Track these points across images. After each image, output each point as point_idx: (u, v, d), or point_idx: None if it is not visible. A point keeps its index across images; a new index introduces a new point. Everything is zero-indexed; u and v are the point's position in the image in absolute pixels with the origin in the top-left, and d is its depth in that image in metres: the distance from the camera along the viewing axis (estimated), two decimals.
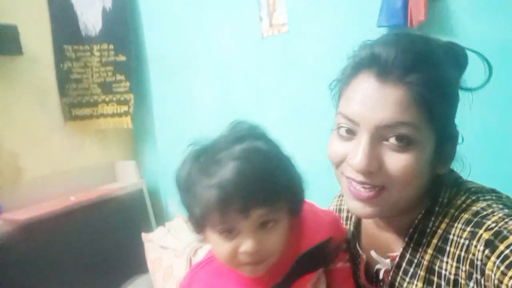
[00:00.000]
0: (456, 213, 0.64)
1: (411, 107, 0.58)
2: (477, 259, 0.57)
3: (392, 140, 0.60)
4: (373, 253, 0.74)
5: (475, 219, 0.60)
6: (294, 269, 0.69)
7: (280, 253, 0.67)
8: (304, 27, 1.63)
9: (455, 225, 0.63)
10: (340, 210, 0.89)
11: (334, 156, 0.67)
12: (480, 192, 0.66)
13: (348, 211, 0.86)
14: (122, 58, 2.30)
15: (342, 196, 0.89)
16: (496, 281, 0.53)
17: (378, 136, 0.61)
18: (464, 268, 0.59)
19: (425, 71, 0.59)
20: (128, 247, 1.97)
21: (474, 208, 0.62)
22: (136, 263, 1.88)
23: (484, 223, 0.58)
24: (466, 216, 0.62)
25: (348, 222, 0.85)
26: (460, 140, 0.68)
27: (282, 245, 0.66)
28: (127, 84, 2.33)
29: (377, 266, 0.74)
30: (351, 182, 0.65)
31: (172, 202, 2.36)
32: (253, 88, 1.83)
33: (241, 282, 0.68)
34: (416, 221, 0.67)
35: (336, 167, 0.69)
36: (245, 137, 0.64)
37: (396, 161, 0.60)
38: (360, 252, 0.79)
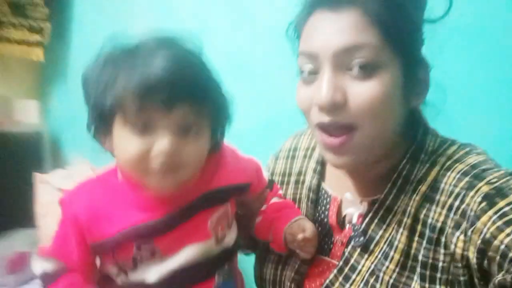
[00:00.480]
0: (449, 163, 0.62)
1: (367, 28, 0.57)
2: (471, 210, 0.55)
3: (355, 68, 0.58)
4: (348, 195, 0.70)
5: (474, 171, 0.59)
6: (198, 202, 0.64)
7: (195, 171, 0.62)
8: None
9: (448, 174, 0.61)
10: (296, 149, 0.85)
11: (302, 103, 0.64)
12: (470, 145, 0.65)
13: (306, 149, 0.83)
14: None
15: (301, 135, 0.87)
16: (488, 235, 0.52)
17: (340, 65, 0.59)
18: (454, 217, 0.57)
19: None
20: (14, 195, 1.75)
21: (470, 160, 0.61)
22: (20, 214, 1.71)
23: (485, 176, 0.57)
24: (461, 166, 0.60)
25: (306, 160, 0.81)
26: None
27: (199, 160, 0.61)
28: (45, 10, 2.04)
29: (348, 210, 0.70)
30: (322, 132, 0.62)
31: (75, 153, 2.11)
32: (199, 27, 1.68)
33: (137, 204, 0.62)
34: (401, 167, 0.64)
35: (306, 117, 0.66)
36: (173, 39, 0.60)
37: (362, 90, 0.58)
38: (330, 192, 0.75)
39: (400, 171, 0.64)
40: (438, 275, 0.58)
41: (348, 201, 0.70)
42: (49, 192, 1.54)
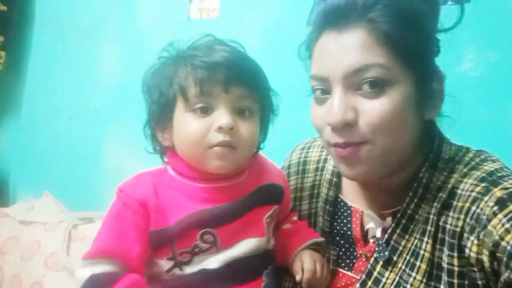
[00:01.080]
0: (466, 170, 0.63)
1: (375, 47, 0.58)
2: (484, 214, 0.56)
3: (365, 87, 0.58)
4: (369, 213, 0.69)
5: (491, 178, 0.59)
6: (253, 196, 0.68)
7: (248, 153, 0.67)
8: (236, 14, 1.61)
9: (465, 180, 0.62)
10: (306, 163, 0.83)
11: (316, 122, 0.65)
12: (484, 152, 0.67)
13: (317, 162, 0.82)
14: (2, 7, 1.91)
15: (309, 147, 0.85)
16: (496, 237, 0.53)
17: (350, 85, 0.59)
18: (470, 222, 0.58)
19: (385, 5, 0.58)
20: None
21: (487, 168, 0.62)
22: None
23: (501, 183, 0.58)
24: (478, 173, 0.62)
25: (319, 173, 0.80)
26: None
27: (253, 142, 0.67)
28: (1, 38, 1.93)
29: (370, 225, 0.69)
30: (336, 148, 0.63)
31: (22, 190, 1.93)
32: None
33: (196, 195, 0.64)
34: (420, 175, 0.65)
35: (321, 134, 0.66)
36: (225, 41, 0.68)
37: (373, 108, 0.58)
38: (350, 203, 0.74)
39: (419, 180, 0.65)
40: (466, 281, 0.58)
41: (369, 216, 0.69)
42: (9, 226, 1.42)
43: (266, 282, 0.66)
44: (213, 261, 0.62)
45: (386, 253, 0.64)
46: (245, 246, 0.64)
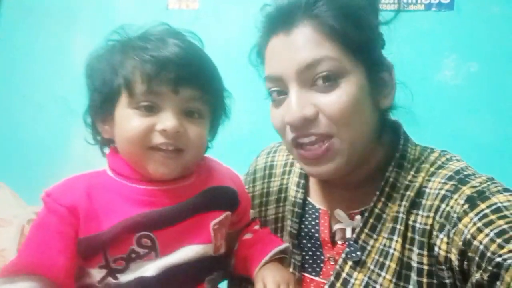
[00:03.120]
0: (432, 169, 0.64)
1: (323, 42, 0.58)
2: (454, 212, 0.56)
3: (319, 82, 0.59)
4: (339, 212, 0.67)
5: (458, 176, 0.60)
6: (198, 200, 0.62)
7: (195, 157, 0.62)
8: (216, 7, 1.58)
9: (433, 179, 0.62)
10: (272, 167, 0.81)
11: (276, 123, 0.64)
12: (448, 152, 0.67)
13: (284, 165, 0.80)
14: None
15: (275, 151, 0.83)
16: (468, 236, 0.52)
17: (305, 82, 0.59)
18: (439, 220, 0.58)
19: (326, 1, 0.60)
20: None
21: (453, 167, 0.63)
22: None
23: (469, 181, 0.59)
24: (445, 172, 0.62)
25: (286, 176, 0.78)
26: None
27: (200, 146, 0.62)
28: None
29: (338, 226, 0.67)
30: (300, 147, 0.62)
31: None
32: None
33: (134, 198, 0.58)
34: (387, 174, 0.64)
35: (283, 138, 0.65)
36: (180, 32, 0.62)
37: (330, 101, 0.58)
38: (318, 206, 0.72)
39: (386, 179, 0.65)
40: (435, 281, 0.57)
41: (339, 217, 0.68)
42: None
43: None
44: (151, 268, 0.57)
45: (358, 253, 0.63)
46: (187, 253, 0.59)
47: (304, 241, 0.71)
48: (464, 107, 1.27)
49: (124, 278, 0.56)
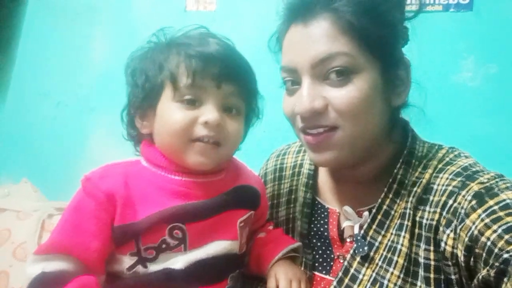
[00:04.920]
0: (440, 165, 0.63)
1: (339, 36, 0.58)
2: (462, 208, 0.56)
3: (332, 76, 0.59)
4: (347, 209, 0.67)
5: (466, 173, 0.60)
6: (229, 196, 0.64)
7: (231, 151, 0.65)
8: (233, 9, 1.59)
9: (441, 175, 0.62)
10: (282, 169, 0.82)
11: (287, 112, 0.65)
12: (457, 149, 0.67)
13: (293, 167, 0.81)
14: None
15: (285, 154, 0.84)
16: (475, 232, 0.52)
17: (318, 75, 0.60)
18: (446, 215, 0.58)
19: None
20: None
21: (461, 163, 0.62)
22: None
23: (477, 178, 0.58)
24: (453, 168, 0.62)
25: (295, 178, 0.79)
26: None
27: (237, 141, 0.65)
28: None
29: (346, 223, 0.68)
30: (307, 134, 0.63)
31: (1, 175, 1.88)
32: None
33: (170, 189, 0.60)
34: (395, 171, 0.65)
35: (292, 124, 0.66)
36: (216, 34, 0.66)
37: (340, 95, 0.59)
38: (327, 205, 0.73)
39: (394, 176, 0.65)
40: (442, 276, 0.57)
41: (347, 214, 0.68)
42: None
43: (230, 286, 0.63)
44: (179, 261, 0.58)
45: (365, 248, 0.63)
46: (214, 248, 0.61)
47: (314, 241, 0.71)
48: (482, 109, 1.25)
49: (153, 267, 0.58)
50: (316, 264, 0.69)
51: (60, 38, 1.87)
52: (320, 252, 0.70)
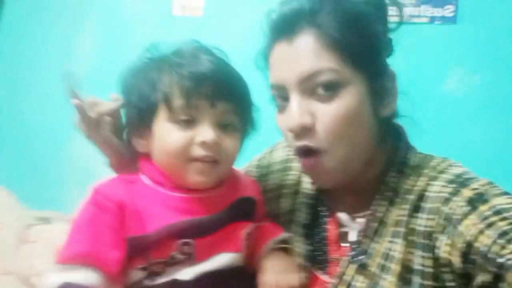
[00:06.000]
0: (433, 174, 0.64)
1: (324, 52, 0.59)
2: (455, 214, 0.56)
3: (320, 91, 0.59)
4: (342, 216, 0.67)
5: (459, 180, 0.61)
6: (232, 209, 0.65)
7: (229, 168, 0.66)
8: (221, 15, 1.59)
9: (434, 183, 0.62)
10: (291, 160, 0.80)
11: (281, 129, 0.65)
12: (449, 159, 0.68)
13: None
14: None
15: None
16: (468, 237, 0.52)
17: (305, 90, 0.60)
18: (440, 222, 0.58)
19: (330, 10, 0.60)
20: None
21: (453, 171, 0.63)
22: None
23: (469, 184, 0.59)
24: (446, 176, 0.62)
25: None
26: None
27: (234, 158, 0.65)
28: None
29: (344, 229, 0.68)
30: (299, 156, 0.63)
31: None
32: None
33: (174, 205, 0.61)
34: (388, 179, 0.65)
35: (287, 141, 0.66)
36: (208, 48, 0.66)
37: (327, 111, 0.59)
38: (329, 204, 0.72)
39: (386, 184, 0.65)
40: (439, 284, 0.57)
41: (341, 221, 0.68)
42: None
43: None
44: (186, 273, 0.58)
45: (363, 256, 0.63)
46: (220, 260, 0.61)
47: (315, 235, 0.71)
48: (469, 118, 1.27)
49: (160, 280, 0.58)
50: (315, 260, 0.69)
51: (44, 37, 1.85)
52: (318, 250, 0.70)
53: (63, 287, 0.52)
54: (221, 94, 0.60)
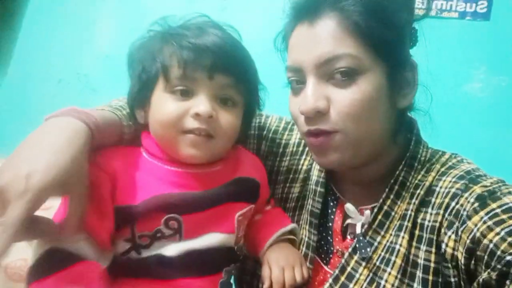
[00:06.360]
0: (443, 169, 0.63)
1: (345, 37, 0.58)
2: (464, 210, 0.56)
3: (337, 76, 0.58)
4: (349, 207, 0.67)
5: (469, 176, 0.60)
6: (227, 189, 0.63)
7: (226, 144, 0.63)
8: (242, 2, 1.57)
9: (444, 178, 0.62)
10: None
11: (292, 112, 0.65)
12: (460, 155, 0.67)
13: None
14: None
15: None
16: (477, 234, 0.52)
17: (322, 75, 0.60)
18: (448, 217, 0.57)
19: None
20: None
21: (464, 167, 0.62)
22: None
23: (480, 181, 0.58)
24: (456, 172, 0.62)
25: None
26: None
27: (232, 134, 0.63)
28: None
29: (349, 221, 0.67)
30: (309, 137, 0.63)
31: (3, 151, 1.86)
32: None
33: (168, 178, 0.60)
34: (397, 173, 0.64)
35: (297, 124, 0.66)
36: (220, 25, 0.64)
37: (343, 97, 0.58)
38: (338, 193, 0.72)
39: (396, 178, 0.64)
40: (440, 279, 0.57)
41: (348, 212, 0.67)
42: None
43: (224, 280, 0.62)
44: (172, 248, 0.58)
45: (368, 249, 0.62)
46: (209, 240, 0.60)
47: (322, 225, 0.70)
48: (491, 120, 1.23)
49: (146, 253, 0.58)
50: (320, 250, 0.69)
51: (65, 17, 1.85)
52: (323, 240, 0.70)
53: (49, 251, 0.52)
54: (220, 66, 0.58)
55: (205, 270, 0.60)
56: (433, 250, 0.58)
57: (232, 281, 0.65)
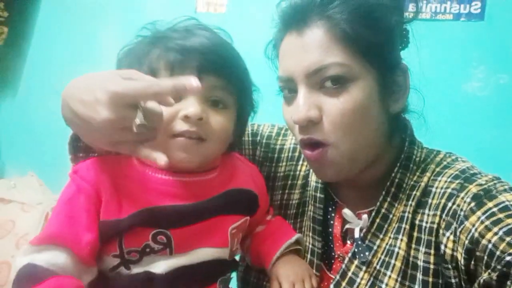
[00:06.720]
0: (438, 169, 0.63)
1: (333, 46, 0.58)
2: (461, 210, 0.56)
3: (328, 84, 0.58)
4: (347, 211, 0.67)
5: (464, 175, 0.60)
6: (219, 201, 0.61)
7: (217, 149, 0.61)
8: (244, 11, 1.60)
9: (439, 178, 0.62)
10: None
11: (287, 121, 0.65)
12: (454, 154, 0.67)
13: None
14: None
15: None
16: (476, 234, 0.52)
17: (313, 84, 0.60)
18: (445, 218, 0.57)
19: (342, 2, 0.58)
20: None
21: (459, 166, 0.62)
22: None
23: (475, 180, 0.58)
24: (451, 171, 0.62)
25: None
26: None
27: (223, 138, 0.61)
28: (4, 14, 1.91)
29: (348, 226, 0.67)
30: (304, 148, 0.63)
31: (9, 167, 1.90)
32: None
33: (157, 188, 0.58)
34: (392, 175, 0.64)
35: (294, 135, 0.66)
36: (209, 27, 0.63)
37: (334, 105, 0.58)
38: (336, 198, 0.72)
39: (392, 180, 0.64)
40: (441, 280, 0.57)
41: (346, 217, 0.68)
42: None
43: None
44: (163, 265, 0.56)
45: (367, 253, 0.62)
46: (202, 254, 0.59)
47: (323, 231, 0.70)
48: (491, 119, 1.24)
49: (136, 269, 0.56)
50: (324, 256, 0.69)
51: (71, 35, 1.91)
52: (324, 246, 0.70)
53: (26, 267, 0.50)
54: (208, 67, 0.57)
55: (199, 284, 0.59)
56: (432, 251, 0.58)
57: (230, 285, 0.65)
